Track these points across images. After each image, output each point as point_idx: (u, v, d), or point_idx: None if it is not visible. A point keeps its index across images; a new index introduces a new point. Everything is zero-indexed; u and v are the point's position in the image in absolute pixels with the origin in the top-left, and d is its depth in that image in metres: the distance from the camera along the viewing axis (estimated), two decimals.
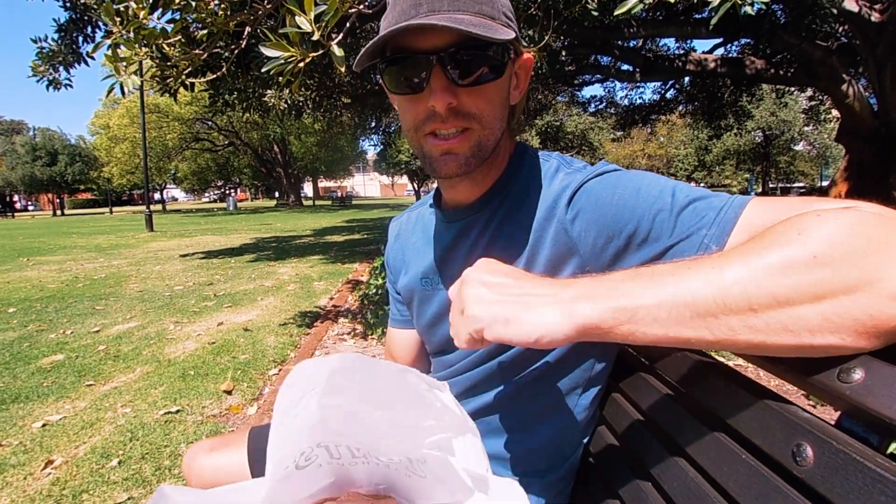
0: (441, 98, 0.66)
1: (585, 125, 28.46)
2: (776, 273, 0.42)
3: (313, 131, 28.59)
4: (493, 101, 0.70)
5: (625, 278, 0.49)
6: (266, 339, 3.85)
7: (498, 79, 0.68)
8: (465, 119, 0.68)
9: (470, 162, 0.71)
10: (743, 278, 0.43)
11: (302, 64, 1.48)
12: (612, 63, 8.51)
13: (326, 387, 0.50)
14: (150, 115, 26.63)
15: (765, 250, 0.44)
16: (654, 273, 0.48)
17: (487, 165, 0.75)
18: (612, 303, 0.47)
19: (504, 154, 0.79)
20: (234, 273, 7.10)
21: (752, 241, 0.46)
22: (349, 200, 41.31)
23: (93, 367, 3.35)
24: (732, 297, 0.43)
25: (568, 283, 0.52)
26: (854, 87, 6.27)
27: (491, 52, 0.66)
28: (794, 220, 0.46)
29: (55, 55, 3.44)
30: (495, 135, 0.72)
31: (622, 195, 0.64)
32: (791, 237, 0.43)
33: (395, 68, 0.69)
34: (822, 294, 0.40)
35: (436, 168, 0.73)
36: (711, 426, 0.55)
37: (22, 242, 13.35)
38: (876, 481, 0.36)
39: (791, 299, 0.41)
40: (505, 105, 0.73)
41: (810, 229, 0.43)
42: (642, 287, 0.47)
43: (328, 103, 5.74)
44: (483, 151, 0.71)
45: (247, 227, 17.06)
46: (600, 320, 0.47)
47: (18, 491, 1.95)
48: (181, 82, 2.45)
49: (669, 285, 0.46)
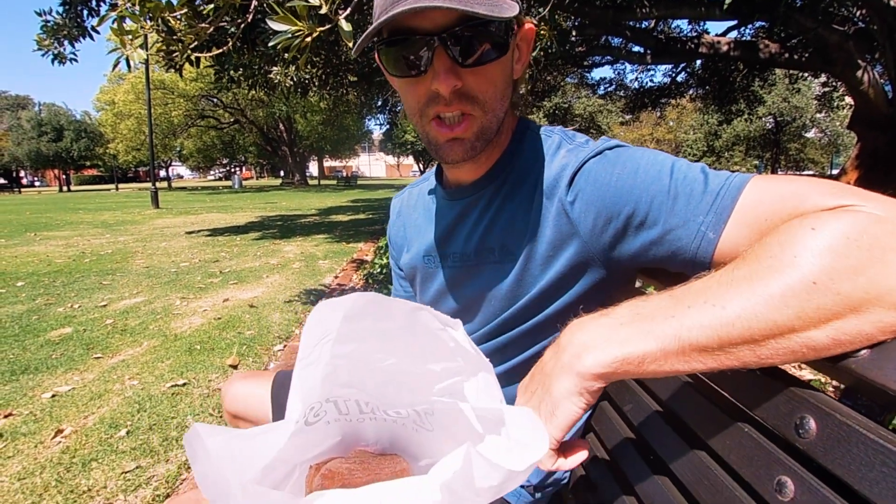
0: (445, 80, 0.64)
1: (594, 108, 28.17)
2: (777, 304, 0.41)
3: (319, 110, 28.38)
4: (495, 82, 0.68)
5: (624, 322, 0.49)
6: (271, 315, 3.88)
7: (501, 57, 0.66)
8: (468, 102, 0.67)
9: (475, 146, 0.70)
10: (744, 314, 0.42)
11: (309, 39, 1.46)
12: (623, 44, 8.37)
13: (339, 334, 0.50)
14: (155, 92, 26.48)
15: (762, 280, 0.43)
16: (654, 314, 0.48)
17: (490, 145, 0.74)
18: (616, 352, 0.47)
19: (506, 131, 0.78)
20: (240, 250, 7.13)
21: (748, 264, 0.45)
22: (354, 180, 41.14)
23: (100, 340, 3.39)
24: (737, 331, 0.42)
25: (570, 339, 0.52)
26: (869, 73, 6.16)
27: (493, 29, 0.64)
28: (788, 237, 0.44)
29: (60, 29, 3.42)
30: (498, 116, 0.70)
31: (620, 175, 0.64)
32: (787, 260, 0.42)
33: (395, 50, 0.66)
34: (828, 317, 0.40)
35: (442, 155, 0.72)
36: (714, 400, 0.56)
37: (29, 218, 13.43)
38: (878, 453, 0.36)
39: (796, 327, 0.41)
40: (508, 83, 0.71)
41: (805, 250, 0.42)
42: (644, 333, 0.47)
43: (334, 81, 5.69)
44: (487, 134, 0.70)
45: (252, 205, 17.08)
46: (610, 370, 0.47)
47: (29, 458, 2.00)
48: (186, 57, 2.42)
49: (670, 328, 0.45)
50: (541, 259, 0.72)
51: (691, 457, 0.57)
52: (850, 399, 0.43)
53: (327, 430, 0.55)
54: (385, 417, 0.56)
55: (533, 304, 0.75)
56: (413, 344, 0.51)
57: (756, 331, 0.42)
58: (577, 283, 0.72)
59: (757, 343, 0.42)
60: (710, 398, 0.56)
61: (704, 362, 0.45)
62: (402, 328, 0.50)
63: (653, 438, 0.66)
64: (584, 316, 0.53)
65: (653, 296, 0.50)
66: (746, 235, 0.53)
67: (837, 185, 0.49)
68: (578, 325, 0.52)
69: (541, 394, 0.53)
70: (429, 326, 0.50)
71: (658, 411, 0.67)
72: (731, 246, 0.54)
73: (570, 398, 0.49)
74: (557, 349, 0.53)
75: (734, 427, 0.51)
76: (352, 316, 0.50)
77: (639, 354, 0.46)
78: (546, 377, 0.53)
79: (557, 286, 0.72)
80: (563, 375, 0.50)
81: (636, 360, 0.46)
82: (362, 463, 0.54)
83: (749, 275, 0.44)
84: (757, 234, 0.52)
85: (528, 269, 0.73)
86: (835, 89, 12.07)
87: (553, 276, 0.71)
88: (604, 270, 0.70)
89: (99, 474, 1.88)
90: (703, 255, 0.56)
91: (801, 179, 0.52)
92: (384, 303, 0.50)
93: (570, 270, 0.70)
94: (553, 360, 0.53)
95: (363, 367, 0.52)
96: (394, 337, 0.51)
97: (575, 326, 0.52)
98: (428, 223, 0.90)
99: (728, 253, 0.54)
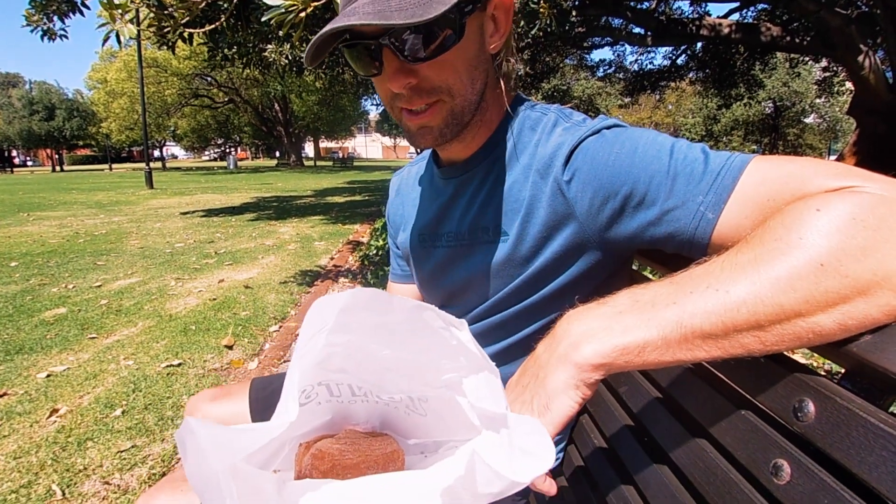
0: (396, 81, 0.63)
1: (593, 90, 27.95)
2: (784, 288, 0.40)
3: (314, 89, 27.97)
4: (457, 68, 0.65)
5: (623, 310, 0.47)
6: (267, 296, 3.87)
7: (458, 41, 0.63)
8: (432, 93, 0.65)
9: (445, 133, 0.69)
10: (749, 298, 0.41)
11: (303, 14, 1.42)
12: (623, 25, 8.26)
13: (335, 324, 0.49)
14: (148, 70, 26.05)
15: (767, 263, 0.42)
16: (654, 301, 0.46)
17: (476, 124, 0.72)
18: (615, 340, 0.45)
19: (495, 108, 0.76)
20: (235, 231, 7.09)
21: (752, 247, 0.44)
22: (350, 161, 40.82)
23: (95, 320, 3.38)
24: (742, 317, 0.41)
25: (567, 329, 0.50)
26: (871, 58, 6.10)
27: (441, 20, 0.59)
28: (793, 219, 0.43)
29: (49, 3, 3.32)
30: (470, 99, 0.68)
31: (619, 154, 0.62)
32: (792, 241, 0.41)
33: (351, 53, 0.66)
34: (836, 301, 0.39)
35: (414, 142, 0.72)
36: (710, 382, 0.55)
37: (22, 198, 13.30)
38: (878, 436, 0.36)
39: (802, 311, 0.40)
40: (476, 62, 0.67)
41: (811, 232, 0.41)
42: (645, 320, 0.45)
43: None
44: (459, 118, 0.68)
45: (247, 186, 16.95)
46: (609, 360, 0.46)
47: (25, 437, 2.00)
48: (179, 34, 2.37)
49: (672, 315, 0.44)
50: (534, 239, 0.71)
51: (687, 440, 0.57)
52: (848, 382, 0.42)
53: (318, 410, 0.54)
54: (377, 401, 0.55)
55: (527, 285, 0.74)
56: (412, 339, 0.50)
57: (762, 316, 0.41)
58: (572, 264, 0.71)
59: (762, 329, 0.41)
60: (707, 380, 0.56)
61: (708, 350, 0.43)
62: (401, 323, 0.49)
63: (648, 421, 0.66)
64: (579, 306, 0.51)
65: (653, 283, 0.49)
66: (747, 216, 0.52)
67: (840, 166, 0.48)
68: (575, 314, 0.51)
69: (534, 387, 0.50)
70: (431, 324, 0.49)
71: (653, 393, 0.67)
72: (730, 227, 0.53)
73: (566, 391, 0.47)
74: (552, 340, 0.51)
75: (730, 410, 0.50)
76: (349, 309, 0.49)
77: (639, 343, 0.45)
78: (540, 369, 0.50)
79: (553, 267, 0.71)
80: (559, 366, 0.48)
81: (636, 348, 0.45)
82: (353, 443, 0.53)
83: (754, 258, 0.43)
84: (759, 215, 0.50)
85: (522, 249, 0.72)
86: (835, 74, 11.98)
87: (548, 256, 0.70)
88: (600, 252, 0.68)
89: (94, 453, 1.89)
90: (702, 235, 0.55)
91: (804, 160, 0.51)
92: (385, 298, 0.48)
93: (566, 251, 0.69)
94: (548, 352, 0.51)
95: (358, 355, 0.51)
96: (392, 330, 0.50)
97: (571, 316, 0.51)
98: (424, 201, 0.89)
99: (727, 234, 0.53)
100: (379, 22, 0.55)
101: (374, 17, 0.56)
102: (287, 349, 2.92)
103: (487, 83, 0.71)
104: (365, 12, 0.57)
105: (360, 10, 0.58)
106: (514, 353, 0.80)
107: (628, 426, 0.71)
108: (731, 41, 7.57)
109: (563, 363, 0.48)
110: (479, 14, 0.65)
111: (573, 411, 0.47)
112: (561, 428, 0.47)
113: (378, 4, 0.57)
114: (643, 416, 0.67)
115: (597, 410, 0.81)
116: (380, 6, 0.57)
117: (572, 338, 0.48)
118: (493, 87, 0.73)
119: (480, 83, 0.69)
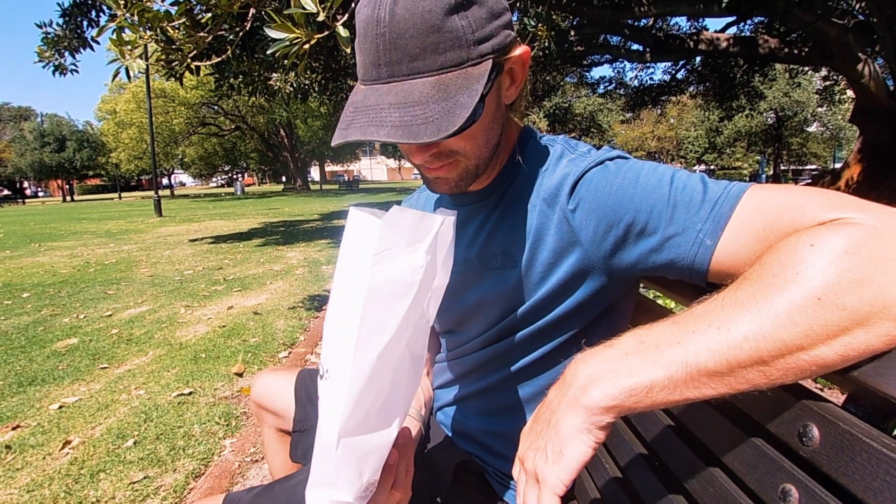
0: (419, 155, 0.66)
1: (594, 107, 28.13)
2: (784, 323, 0.41)
3: (319, 115, 28.45)
4: (475, 136, 0.66)
5: (629, 351, 0.48)
6: (276, 322, 3.89)
7: (476, 120, 0.63)
8: (450, 156, 0.67)
9: (460, 185, 0.71)
10: (751, 334, 0.42)
11: (307, 45, 1.46)
12: (621, 43, 8.36)
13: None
14: (156, 100, 26.61)
15: (766, 299, 0.42)
16: (658, 341, 0.47)
17: (489, 169, 0.75)
18: (623, 382, 0.46)
19: (508, 143, 0.78)
20: (243, 257, 7.15)
21: (750, 284, 0.45)
22: (356, 184, 41.26)
23: (106, 350, 3.40)
24: (745, 353, 0.42)
25: (575, 373, 0.50)
26: (870, 66, 6.13)
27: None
28: (788, 255, 0.44)
29: (60, 40, 3.44)
30: (485, 157, 0.70)
31: (622, 185, 0.64)
32: (789, 277, 0.42)
33: None
34: (836, 333, 0.40)
35: (431, 187, 0.74)
36: (719, 408, 0.55)
37: (33, 228, 13.50)
38: (882, 462, 0.36)
39: (804, 345, 0.40)
40: (492, 125, 0.69)
41: (807, 267, 0.42)
42: (650, 361, 0.46)
43: (334, 86, 5.70)
44: (474, 172, 0.71)
45: (254, 211, 17.12)
46: (619, 401, 0.46)
47: (38, 470, 2.00)
48: (186, 66, 2.44)
49: (676, 354, 0.45)
50: (542, 266, 0.72)
51: (697, 465, 0.57)
52: (853, 405, 0.43)
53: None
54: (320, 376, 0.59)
55: (534, 310, 0.75)
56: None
57: (765, 351, 0.41)
58: (578, 290, 0.72)
59: (766, 364, 0.42)
60: (714, 404, 0.56)
61: (715, 388, 0.44)
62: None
63: (658, 447, 0.66)
64: (587, 350, 0.52)
65: (657, 323, 0.50)
66: (743, 244, 0.53)
67: (833, 196, 0.49)
68: (582, 358, 0.51)
69: (547, 433, 0.50)
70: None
71: (663, 419, 0.67)
72: (728, 254, 0.54)
73: (578, 436, 0.47)
74: (562, 385, 0.51)
75: (739, 435, 0.51)
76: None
77: (646, 384, 0.45)
78: (552, 414, 0.51)
79: (559, 292, 0.73)
80: (569, 411, 0.48)
81: (644, 389, 0.45)
82: None
83: (753, 295, 0.44)
84: (755, 243, 0.52)
85: (530, 276, 0.74)
86: (836, 83, 12.01)
87: (555, 282, 0.72)
88: (605, 277, 0.70)
89: (107, 485, 1.89)
90: (701, 262, 0.56)
91: (798, 189, 0.52)
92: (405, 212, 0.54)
93: (572, 277, 0.71)
94: (558, 397, 0.51)
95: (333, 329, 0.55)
96: None
97: (579, 360, 0.51)
98: None
99: (725, 261, 0.54)
100: (408, 141, 0.56)
101: (404, 134, 0.56)
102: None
103: (502, 133, 0.72)
104: (392, 125, 0.57)
105: (386, 120, 0.57)
106: (524, 378, 0.81)
107: (641, 454, 0.71)
108: (730, 54, 7.63)
109: (573, 407, 0.48)
110: (496, 80, 0.65)
111: (587, 456, 0.47)
112: (576, 474, 0.47)
113: (403, 115, 0.57)
114: (654, 442, 0.67)
115: (608, 437, 0.81)
116: (406, 117, 0.57)
117: (581, 381, 0.49)
118: (506, 132, 0.75)
119: (496, 137, 0.70)
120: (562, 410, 0.49)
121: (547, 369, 0.79)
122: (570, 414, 0.48)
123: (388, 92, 0.59)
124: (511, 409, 0.83)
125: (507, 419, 0.83)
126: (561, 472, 0.47)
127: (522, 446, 0.53)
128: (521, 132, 0.80)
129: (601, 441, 0.47)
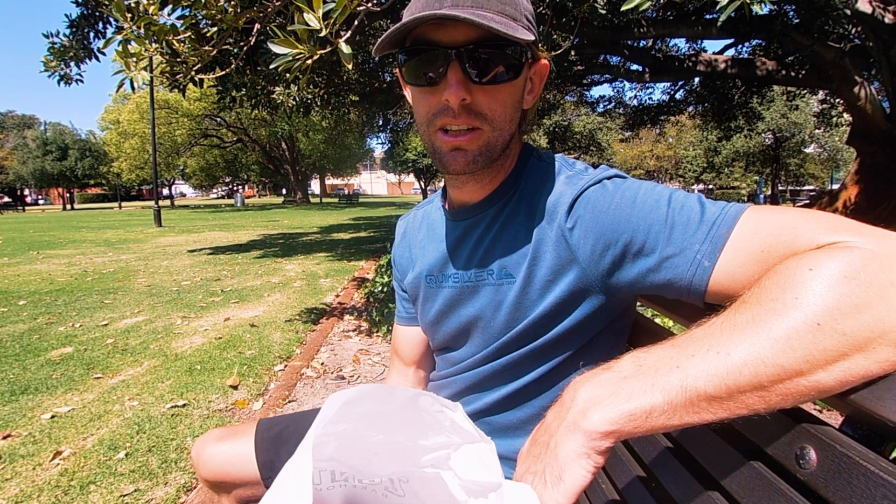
0: (455, 93, 0.66)
1: (594, 125, 28.36)
2: (783, 348, 0.41)
3: (321, 128, 28.68)
4: (505, 103, 0.70)
5: (628, 375, 0.48)
6: (272, 335, 3.87)
7: (514, 80, 0.69)
8: (477, 118, 0.68)
9: (478, 160, 0.71)
10: (750, 359, 0.42)
11: (310, 61, 1.48)
12: (621, 63, 8.47)
13: (335, 415, 0.50)
14: (159, 111, 26.79)
15: (765, 324, 0.42)
16: (657, 365, 0.47)
17: (495, 167, 0.76)
18: (622, 406, 0.46)
19: (512, 156, 0.79)
20: (241, 269, 7.14)
21: (749, 308, 0.45)
22: (356, 198, 41.36)
23: (101, 360, 3.38)
24: (745, 378, 0.42)
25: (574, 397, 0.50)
26: (867, 89, 6.20)
27: (509, 52, 0.67)
28: (787, 279, 0.44)
29: (67, 51, 3.47)
30: (504, 137, 0.72)
31: (619, 204, 0.64)
32: (788, 302, 0.42)
33: (414, 60, 0.69)
34: (835, 358, 0.40)
35: (445, 163, 0.73)
36: (715, 428, 0.55)
37: (32, 236, 13.49)
38: (879, 485, 0.36)
39: (803, 370, 0.40)
40: (517, 107, 0.73)
41: (806, 291, 0.42)
42: (649, 386, 0.46)
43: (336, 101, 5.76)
44: (492, 152, 0.71)
45: (254, 223, 17.14)
46: (618, 426, 0.46)
47: (27, 481, 1.97)
48: (190, 78, 2.46)
49: (675, 379, 0.44)
50: (540, 283, 0.72)
51: (695, 488, 0.56)
52: (850, 428, 0.43)
53: None
54: (355, 485, 0.55)
55: (533, 328, 0.75)
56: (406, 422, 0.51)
57: (764, 376, 0.41)
58: (577, 308, 0.72)
59: (765, 389, 0.42)
60: (711, 427, 0.56)
61: (714, 413, 0.43)
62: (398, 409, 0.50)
63: (657, 468, 0.65)
64: (586, 373, 0.52)
65: (656, 346, 0.49)
66: (741, 265, 0.53)
67: (831, 219, 0.49)
68: (581, 381, 0.51)
69: (545, 457, 0.50)
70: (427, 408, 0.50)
71: (661, 441, 0.67)
72: (725, 275, 0.54)
73: (577, 461, 0.47)
74: (561, 408, 0.51)
75: (737, 457, 0.50)
76: (353, 401, 0.50)
77: (645, 408, 0.45)
78: (551, 437, 0.50)
79: (557, 310, 0.72)
80: (568, 435, 0.48)
81: (643, 413, 0.45)
82: None
83: (752, 319, 0.43)
84: (752, 265, 0.52)
85: (528, 293, 0.73)
86: (833, 106, 12.14)
87: (553, 300, 0.72)
88: (602, 296, 0.70)
89: (97, 497, 1.86)
90: (699, 283, 0.56)
91: (796, 211, 0.52)
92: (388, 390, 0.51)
93: (570, 295, 0.71)
94: (557, 420, 0.51)
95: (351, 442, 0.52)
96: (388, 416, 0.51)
97: (578, 383, 0.51)
98: (431, 243, 0.91)
99: (723, 282, 0.54)
100: (481, 22, 0.60)
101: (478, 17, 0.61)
102: (292, 388, 2.89)
103: (515, 133, 0.75)
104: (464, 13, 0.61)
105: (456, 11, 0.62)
106: (521, 398, 0.80)
107: (639, 476, 0.70)
108: (728, 76, 7.72)
109: (572, 431, 0.48)
110: (527, 68, 0.72)
111: (586, 481, 0.47)
112: (575, 498, 0.47)
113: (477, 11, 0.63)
114: (652, 464, 0.67)
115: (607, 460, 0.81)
116: (479, 12, 0.63)
117: (580, 405, 0.48)
118: (516, 138, 0.77)
119: (514, 127, 0.74)
120: (560, 434, 0.48)
121: (544, 390, 0.78)
122: (569, 438, 0.47)
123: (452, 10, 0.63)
124: (508, 430, 0.82)
125: (504, 440, 0.82)
126: (560, 497, 0.46)
127: (520, 469, 0.52)
128: (523, 148, 0.82)
129: (600, 466, 0.47)
